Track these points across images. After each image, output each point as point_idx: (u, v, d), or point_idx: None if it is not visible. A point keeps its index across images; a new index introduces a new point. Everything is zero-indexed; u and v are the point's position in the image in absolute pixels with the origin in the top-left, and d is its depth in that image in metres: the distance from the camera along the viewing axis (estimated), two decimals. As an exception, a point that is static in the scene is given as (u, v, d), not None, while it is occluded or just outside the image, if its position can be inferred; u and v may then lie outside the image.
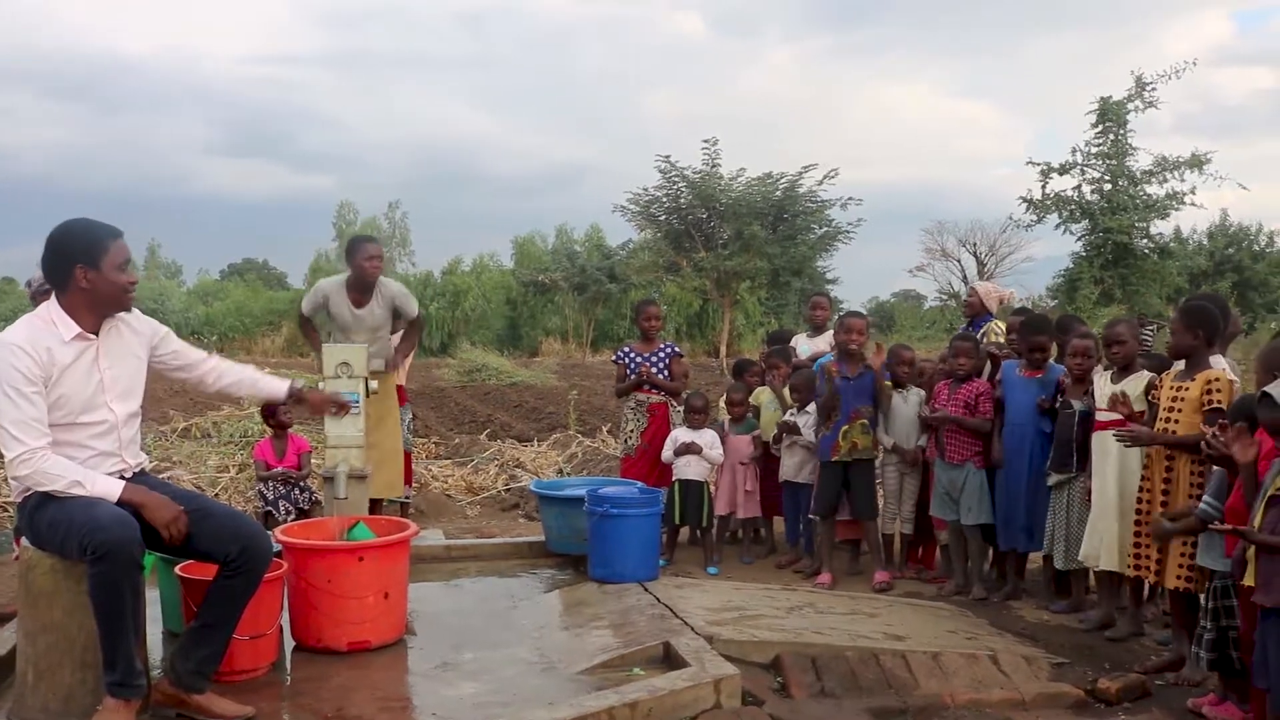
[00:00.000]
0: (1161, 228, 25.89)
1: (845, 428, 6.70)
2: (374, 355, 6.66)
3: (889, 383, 6.85)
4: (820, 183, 26.78)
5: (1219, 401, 4.91)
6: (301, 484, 7.76)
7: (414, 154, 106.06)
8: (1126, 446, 5.39)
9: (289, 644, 5.05)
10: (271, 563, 4.45)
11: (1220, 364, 5.19)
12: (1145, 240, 24.93)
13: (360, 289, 7.19)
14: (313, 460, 8.06)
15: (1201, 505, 4.53)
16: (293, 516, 7.36)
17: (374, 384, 6.20)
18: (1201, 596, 4.68)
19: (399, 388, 7.89)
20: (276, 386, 4.86)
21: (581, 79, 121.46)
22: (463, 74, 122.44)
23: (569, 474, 10.97)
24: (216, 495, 9.08)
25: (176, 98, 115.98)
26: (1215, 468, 4.57)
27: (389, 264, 34.09)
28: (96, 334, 4.09)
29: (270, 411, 8.02)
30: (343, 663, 4.89)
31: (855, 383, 6.71)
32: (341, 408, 5.28)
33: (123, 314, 4.21)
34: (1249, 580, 4.03)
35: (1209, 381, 5.00)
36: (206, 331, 41.06)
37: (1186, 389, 5.08)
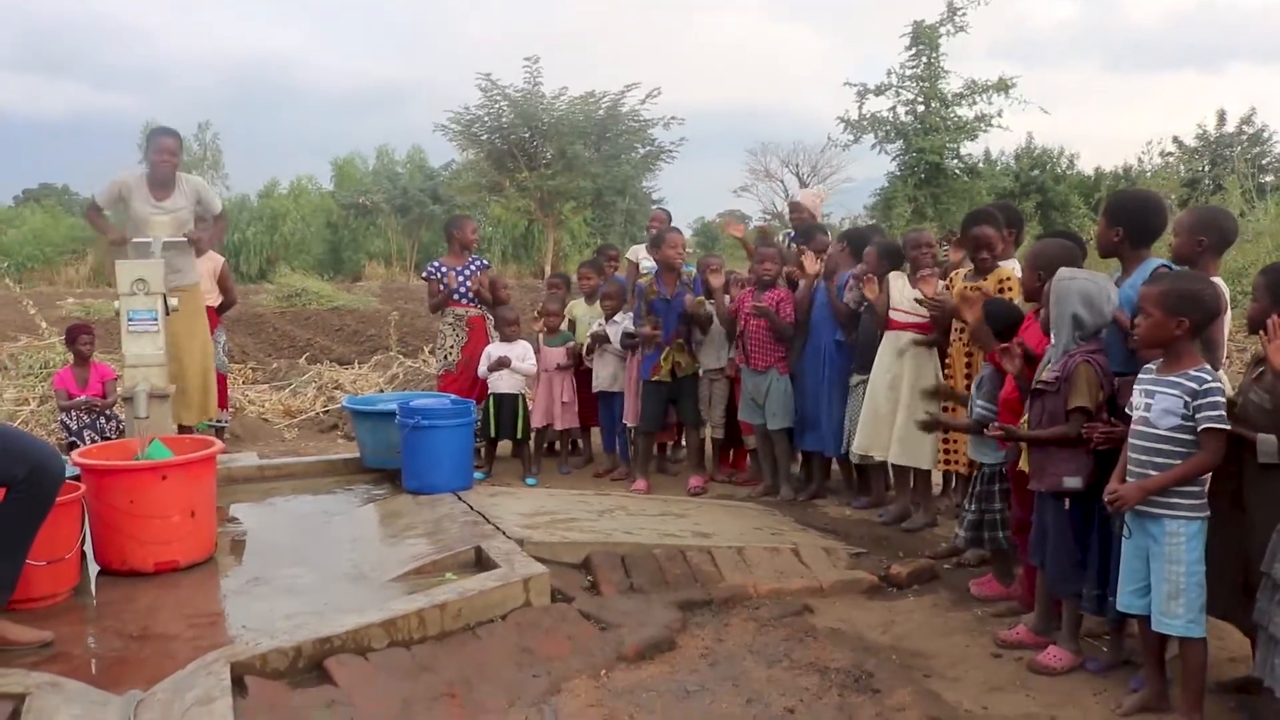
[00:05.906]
0: (971, 149, 26.82)
1: (666, 349, 6.84)
2: (174, 270, 6.40)
3: (700, 298, 6.96)
4: (643, 102, 26.59)
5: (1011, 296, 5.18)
6: (108, 412, 7.50)
7: (225, 72, 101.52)
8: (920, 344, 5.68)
9: (93, 569, 4.94)
10: (64, 485, 4.31)
11: (1012, 265, 5.49)
12: (956, 161, 25.80)
13: (158, 184, 6.84)
14: (119, 388, 7.78)
15: (976, 409, 4.78)
16: (100, 445, 7.11)
17: (174, 301, 5.99)
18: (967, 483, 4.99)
19: (210, 310, 7.60)
20: None
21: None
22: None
23: (388, 392, 10.85)
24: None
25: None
26: (984, 368, 4.84)
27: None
28: None
29: (72, 337, 7.71)
30: (150, 584, 4.80)
31: (674, 302, 6.83)
32: None
33: None
34: (1024, 465, 4.30)
35: (1001, 280, 5.27)
36: (0, 262, 38.59)
37: (981, 287, 5.32)
